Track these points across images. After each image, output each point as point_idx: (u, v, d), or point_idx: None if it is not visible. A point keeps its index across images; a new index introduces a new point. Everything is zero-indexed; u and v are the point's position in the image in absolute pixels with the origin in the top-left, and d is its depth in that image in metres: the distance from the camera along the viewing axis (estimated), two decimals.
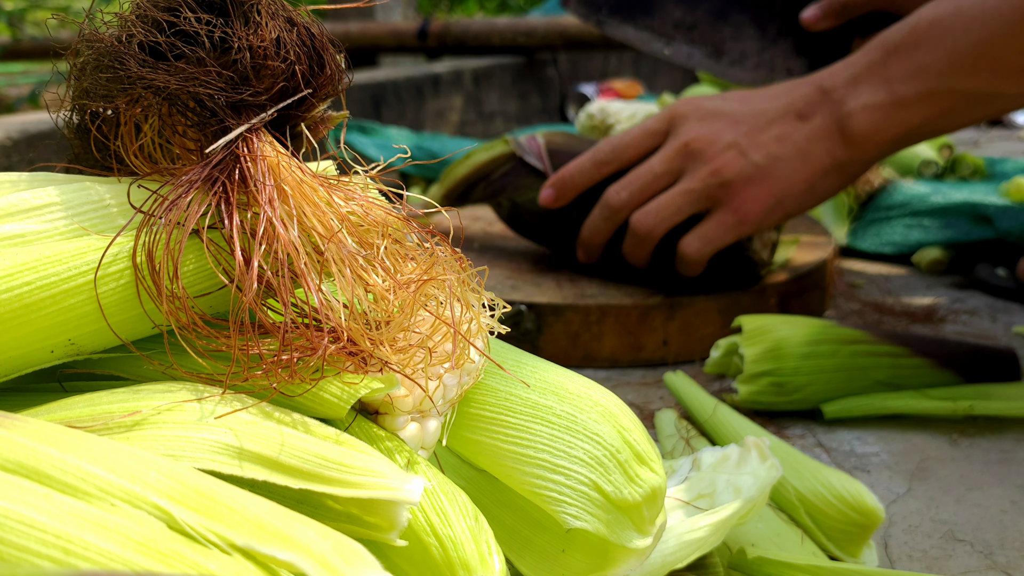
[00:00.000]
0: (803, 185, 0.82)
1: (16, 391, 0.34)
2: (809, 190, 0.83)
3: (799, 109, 0.82)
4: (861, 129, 0.79)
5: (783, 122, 0.82)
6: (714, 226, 0.83)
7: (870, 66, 0.79)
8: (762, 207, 0.82)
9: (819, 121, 0.81)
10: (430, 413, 0.35)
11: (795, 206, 0.83)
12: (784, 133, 0.82)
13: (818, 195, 0.83)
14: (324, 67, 0.36)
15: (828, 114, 0.81)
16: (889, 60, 0.78)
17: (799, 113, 0.82)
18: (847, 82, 0.80)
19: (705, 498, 0.46)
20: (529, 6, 4.45)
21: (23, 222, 0.34)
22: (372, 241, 0.34)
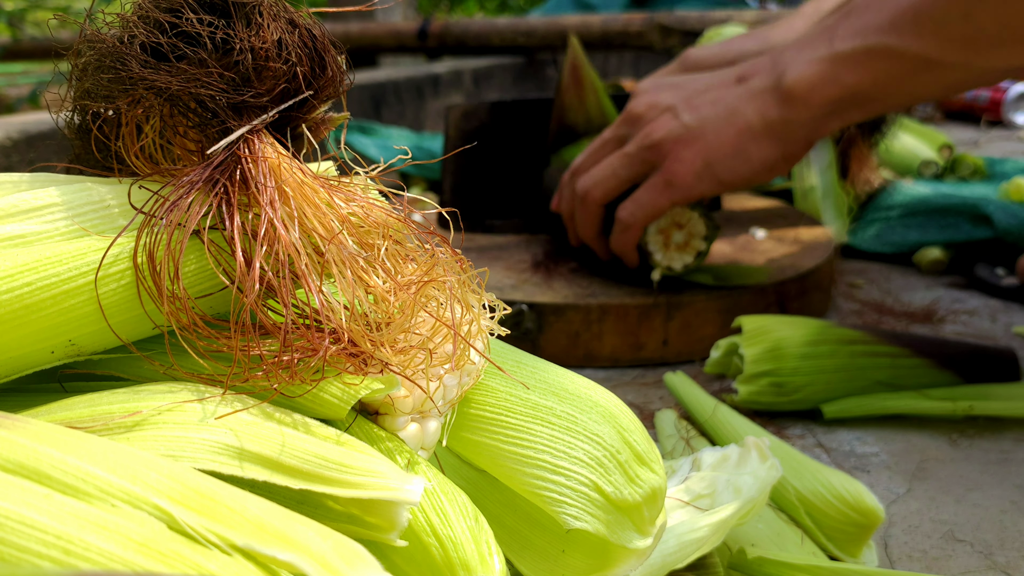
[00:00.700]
0: (731, 146, 0.80)
1: (16, 391, 0.34)
2: (737, 153, 0.80)
3: (742, 72, 0.82)
4: (795, 85, 0.77)
5: (722, 86, 0.82)
6: (647, 189, 0.83)
7: (823, 30, 0.77)
8: (691, 168, 0.81)
9: (757, 81, 0.80)
10: (430, 414, 0.35)
11: (726, 172, 0.81)
12: (719, 95, 0.82)
13: (751, 161, 0.80)
14: (325, 69, 0.36)
15: (767, 74, 0.79)
16: (839, 22, 0.76)
17: (740, 76, 0.82)
18: (796, 45, 0.79)
19: (705, 498, 0.46)
20: (529, 6, 4.45)
21: (24, 223, 0.34)
22: (373, 242, 0.34)
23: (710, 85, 0.83)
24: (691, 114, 0.82)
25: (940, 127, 2.02)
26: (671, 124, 0.82)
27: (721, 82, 0.83)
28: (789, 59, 0.78)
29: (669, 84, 0.87)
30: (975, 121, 2.12)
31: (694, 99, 0.83)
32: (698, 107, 0.82)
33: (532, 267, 0.92)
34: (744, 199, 1.21)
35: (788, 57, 0.78)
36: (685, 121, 0.82)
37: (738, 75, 0.82)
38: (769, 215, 1.12)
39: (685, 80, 0.86)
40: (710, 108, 0.81)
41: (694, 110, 0.82)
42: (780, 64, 0.78)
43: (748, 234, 1.03)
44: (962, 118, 2.17)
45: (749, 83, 0.80)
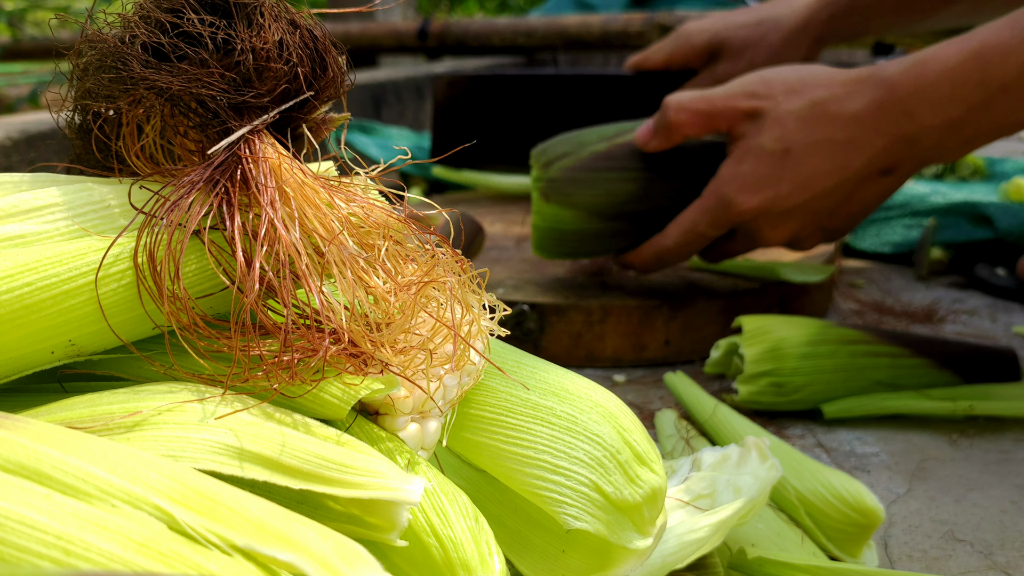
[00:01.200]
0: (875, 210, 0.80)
1: (17, 391, 0.34)
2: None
3: (882, 167, 0.74)
4: (945, 160, 0.76)
5: (865, 185, 0.75)
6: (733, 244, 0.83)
7: (970, 110, 0.69)
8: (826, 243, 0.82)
9: (906, 170, 0.75)
10: (430, 414, 0.35)
11: None
12: (867, 194, 0.76)
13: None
14: (326, 69, 0.36)
15: (913, 161, 0.74)
16: (993, 103, 0.69)
17: (883, 170, 0.74)
18: (941, 131, 0.70)
19: (705, 498, 0.46)
20: (529, 6, 4.45)
21: (24, 223, 0.34)
22: (373, 243, 0.34)
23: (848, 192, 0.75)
24: (839, 220, 0.78)
25: None
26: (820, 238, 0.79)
27: (857, 183, 0.75)
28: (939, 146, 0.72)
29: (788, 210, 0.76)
30: None
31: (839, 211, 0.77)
32: (847, 211, 0.77)
33: (534, 267, 0.92)
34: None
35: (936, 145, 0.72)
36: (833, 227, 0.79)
37: (880, 169, 0.74)
38: None
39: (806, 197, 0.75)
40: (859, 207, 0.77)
41: (841, 216, 0.77)
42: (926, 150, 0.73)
43: None
44: None
45: (899, 173, 0.75)
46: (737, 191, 0.76)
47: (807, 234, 0.79)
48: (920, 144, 0.72)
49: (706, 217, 0.78)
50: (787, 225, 0.77)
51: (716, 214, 0.77)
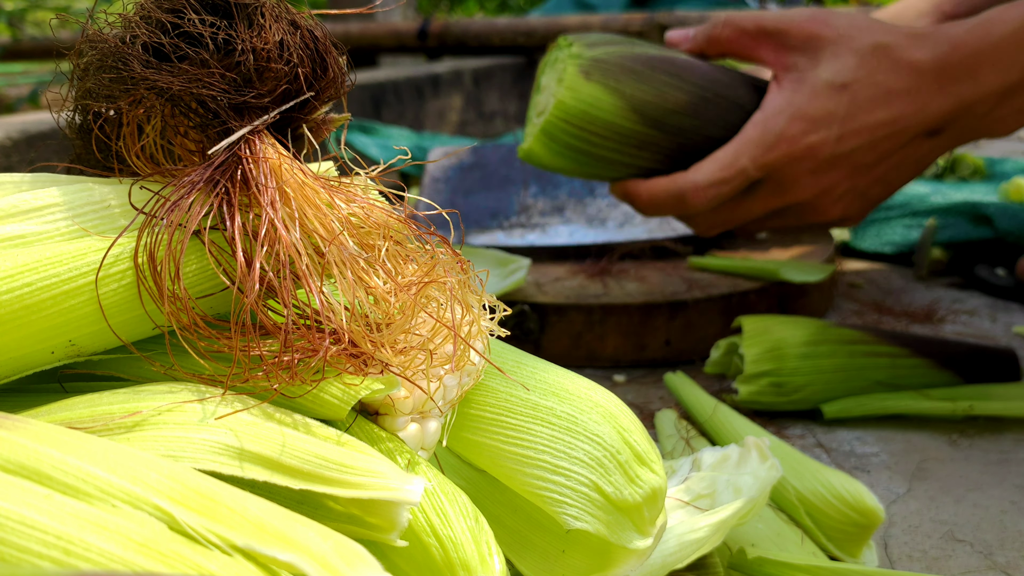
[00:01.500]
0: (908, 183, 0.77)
1: (17, 392, 0.34)
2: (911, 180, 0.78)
3: (931, 126, 0.71)
4: (1000, 134, 0.73)
5: (909, 145, 0.72)
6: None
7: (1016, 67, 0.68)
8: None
9: (952, 135, 0.73)
10: (430, 414, 0.35)
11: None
12: (907, 156, 0.73)
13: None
14: (327, 70, 0.36)
15: (967, 127, 0.72)
16: None
17: (931, 130, 0.72)
18: (1000, 94, 0.69)
19: (705, 498, 0.46)
20: (529, 6, 4.45)
21: (24, 223, 0.34)
22: (373, 243, 0.34)
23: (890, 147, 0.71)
24: (877, 188, 0.75)
25: None
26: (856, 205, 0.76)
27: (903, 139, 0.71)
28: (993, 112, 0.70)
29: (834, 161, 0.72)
30: None
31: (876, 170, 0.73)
32: (884, 178, 0.74)
33: (534, 267, 0.92)
34: None
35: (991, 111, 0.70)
36: (871, 196, 0.76)
37: (928, 131, 0.72)
38: None
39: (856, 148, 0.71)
40: (896, 174, 0.74)
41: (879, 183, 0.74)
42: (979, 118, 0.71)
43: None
44: None
45: (944, 137, 0.72)
46: (789, 123, 0.71)
47: (841, 192, 0.74)
48: (974, 110, 0.69)
49: (749, 150, 0.72)
50: (828, 175, 0.72)
51: (762, 148, 0.71)
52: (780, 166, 0.73)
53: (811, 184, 0.73)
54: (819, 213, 0.77)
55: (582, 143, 0.74)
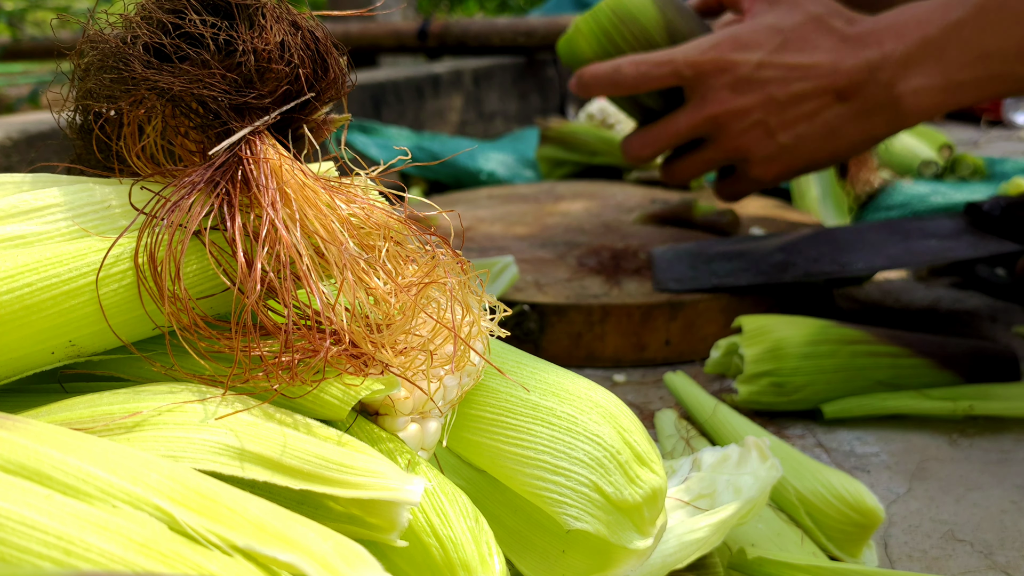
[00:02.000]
0: (825, 158, 0.84)
1: (17, 392, 0.34)
2: (832, 160, 0.85)
3: (841, 88, 0.80)
4: (910, 111, 0.79)
5: (818, 100, 0.81)
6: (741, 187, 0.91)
7: (925, 45, 0.76)
8: (780, 175, 0.86)
9: (859, 103, 0.81)
10: (430, 414, 0.35)
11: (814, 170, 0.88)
12: (816, 110, 0.82)
13: (841, 159, 0.86)
14: (328, 71, 0.36)
15: (872, 95, 0.80)
16: (948, 42, 0.75)
17: (840, 92, 0.81)
18: (899, 63, 0.78)
19: (705, 498, 0.46)
20: (529, 6, 4.44)
21: (24, 223, 0.34)
22: (373, 244, 0.34)
23: (804, 96, 0.81)
24: (786, 134, 0.83)
25: (940, 127, 2.02)
26: (765, 145, 0.84)
27: (815, 88, 0.81)
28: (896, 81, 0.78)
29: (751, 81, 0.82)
30: (975, 121, 2.12)
31: (787, 113, 0.82)
32: (793, 124, 0.82)
33: (535, 267, 0.92)
34: (743, 199, 1.21)
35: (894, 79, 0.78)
36: (781, 142, 0.83)
37: (838, 91, 0.80)
38: (768, 215, 1.12)
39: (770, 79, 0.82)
40: (805, 125, 0.82)
41: (789, 129, 0.82)
42: (884, 85, 0.79)
43: (749, 233, 1.03)
44: (962, 118, 2.17)
45: (850, 103, 0.80)
46: (723, 39, 0.83)
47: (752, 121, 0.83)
48: (877, 76, 0.79)
49: (685, 50, 0.84)
50: (743, 96, 0.82)
51: (695, 51, 0.84)
52: (703, 71, 0.83)
53: (726, 99, 0.83)
54: (732, 138, 0.85)
55: (617, 37, 0.87)
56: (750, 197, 1.22)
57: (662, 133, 0.88)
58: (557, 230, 1.06)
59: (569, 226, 1.07)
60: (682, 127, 0.86)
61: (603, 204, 1.18)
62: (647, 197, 1.22)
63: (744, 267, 0.88)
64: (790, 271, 0.87)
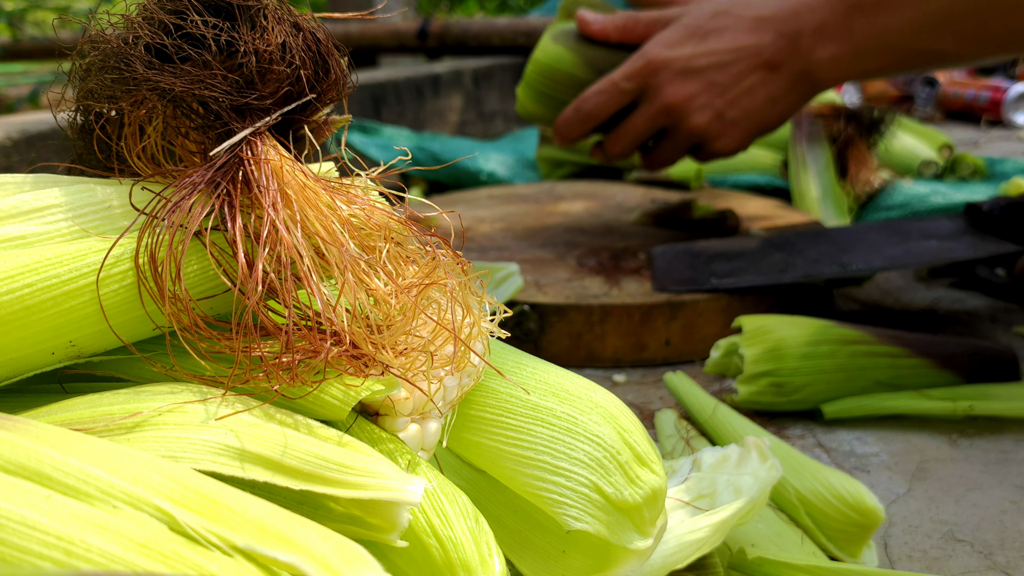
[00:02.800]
0: (774, 122, 0.94)
1: (17, 392, 0.34)
2: (780, 121, 0.94)
3: (768, 58, 0.89)
4: (825, 77, 0.89)
5: (754, 74, 0.90)
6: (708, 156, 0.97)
7: (834, 15, 0.85)
8: (736, 145, 0.95)
9: (787, 71, 0.89)
10: (430, 415, 0.35)
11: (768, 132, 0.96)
12: (755, 84, 0.90)
13: (787, 119, 0.95)
14: (329, 72, 0.36)
15: (796, 63, 0.89)
16: (852, 15, 0.84)
17: (769, 63, 0.89)
18: (813, 31, 0.86)
19: (705, 498, 0.46)
20: (529, 6, 4.44)
21: (24, 223, 0.34)
22: (374, 244, 0.34)
23: (741, 73, 0.90)
24: (733, 110, 0.91)
25: (940, 127, 2.02)
26: (717, 124, 0.92)
27: (748, 66, 0.90)
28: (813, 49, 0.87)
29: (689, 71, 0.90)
30: (975, 121, 2.12)
31: (731, 92, 0.90)
32: (737, 100, 0.91)
33: (535, 267, 0.92)
34: (743, 199, 1.21)
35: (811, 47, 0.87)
36: (730, 117, 0.92)
37: (767, 62, 0.89)
38: (768, 215, 1.12)
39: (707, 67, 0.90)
40: (749, 99, 0.91)
41: (734, 105, 0.91)
42: (804, 53, 0.88)
43: (749, 233, 1.03)
44: (962, 118, 2.17)
45: (780, 72, 0.90)
46: (651, 46, 0.92)
47: (702, 103, 0.91)
48: (798, 44, 0.87)
49: (621, 69, 0.92)
50: (687, 84, 0.91)
51: (629, 66, 0.92)
52: (644, 75, 0.91)
53: (674, 90, 0.91)
54: (688, 123, 0.92)
55: (550, 90, 0.97)
56: (750, 197, 1.22)
57: (626, 132, 0.95)
58: (557, 230, 1.06)
59: (569, 226, 1.07)
60: (639, 122, 0.93)
61: (603, 204, 1.18)
62: (647, 197, 1.22)
63: (744, 267, 0.88)
64: (790, 271, 0.87)
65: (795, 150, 1.27)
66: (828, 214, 1.19)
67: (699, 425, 0.65)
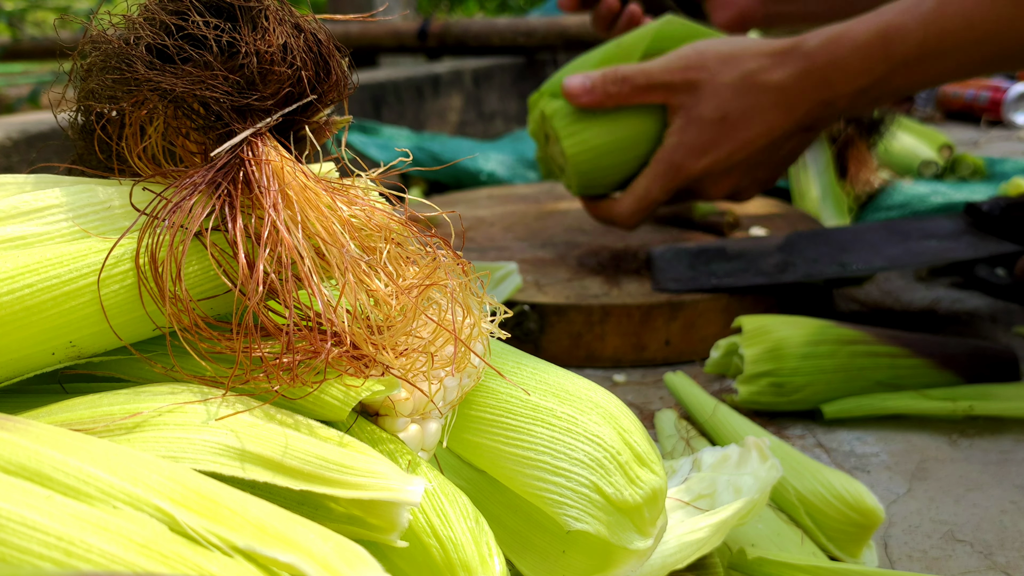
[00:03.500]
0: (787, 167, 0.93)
1: (18, 393, 0.34)
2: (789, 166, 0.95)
3: (805, 125, 0.87)
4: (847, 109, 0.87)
5: (789, 140, 0.88)
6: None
7: (873, 81, 0.82)
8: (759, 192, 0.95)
9: (820, 126, 0.89)
10: (431, 415, 0.35)
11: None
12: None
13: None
14: (330, 73, 0.36)
15: (830, 119, 0.88)
16: (894, 75, 0.81)
17: (805, 128, 0.87)
18: (852, 96, 0.83)
19: (705, 498, 0.46)
20: (529, 6, 4.44)
21: (25, 224, 0.34)
22: (374, 245, 0.34)
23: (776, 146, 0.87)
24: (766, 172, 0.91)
25: (940, 127, 2.02)
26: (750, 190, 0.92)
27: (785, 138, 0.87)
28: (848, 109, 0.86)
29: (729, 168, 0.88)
30: (975, 121, 2.12)
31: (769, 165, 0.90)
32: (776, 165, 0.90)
33: (535, 267, 0.92)
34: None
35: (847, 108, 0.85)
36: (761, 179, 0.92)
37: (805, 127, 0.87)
38: (768, 215, 1.12)
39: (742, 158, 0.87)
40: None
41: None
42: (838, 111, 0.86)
43: (748, 234, 1.03)
44: (962, 118, 2.17)
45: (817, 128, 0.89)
46: (684, 157, 0.87)
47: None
48: (835, 106, 0.84)
49: (658, 183, 0.89)
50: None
51: (667, 179, 0.88)
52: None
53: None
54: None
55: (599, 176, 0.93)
56: None
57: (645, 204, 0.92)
58: (557, 230, 1.06)
59: (569, 226, 1.07)
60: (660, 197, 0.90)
61: None
62: None
63: (744, 267, 0.88)
64: (790, 271, 0.87)
65: None
66: (828, 214, 1.19)
67: (699, 425, 0.65)
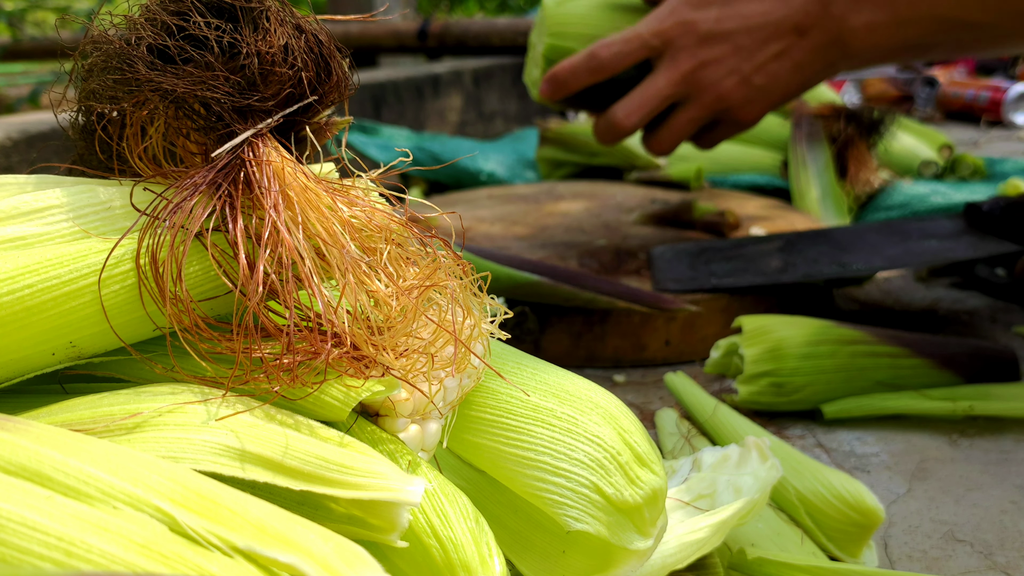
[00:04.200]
0: (796, 90, 0.89)
1: (18, 393, 0.34)
2: (803, 90, 0.90)
3: (797, 22, 0.85)
4: (860, 45, 0.83)
5: (781, 38, 0.86)
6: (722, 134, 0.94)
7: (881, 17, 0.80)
8: (762, 113, 0.91)
9: (817, 35, 0.85)
10: (431, 416, 0.35)
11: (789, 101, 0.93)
12: (782, 49, 0.86)
13: (810, 88, 0.91)
14: (331, 74, 0.36)
15: (827, 28, 0.84)
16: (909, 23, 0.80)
17: (797, 26, 0.85)
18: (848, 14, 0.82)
19: (705, 498, 0.46)
20: (529, 6, 4.44)
21: (25, 224, 0.34)
22: (375, 246, 0.34)
23: (768, 37, 0.86)
24: (759, 76, 0.87)
25: (940, 127, 2.02)
26: (743, 90, 0.88)
27: (779, 34, 0.85)
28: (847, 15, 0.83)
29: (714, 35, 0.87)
30: (975, 121, 2.12)
31: (756, 57, 0.86)
32: (764, 66, 0.87)
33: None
34: (743, 199, 1.21)
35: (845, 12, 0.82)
36: (756, 84, 0.88)
37: (795, 25, 0.85)
38: (768, 215, 1.12)
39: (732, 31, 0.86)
40: (775, 64, 0.87)
41: (760, 71, 0.87)
42: (837, 19, 0.83)
43: (748, 233, 1.03)
44: (962, 118, 2.17)
45: (809, 36, 0.85)
46: (678, 4, 0.88)
47: (727, 69, 0.87)
48: (831, 9, 0.83)
49: (646, 24, 0.89)
50: (711, 48, 0.87)
51: (655, 21, 0.88)
52: (669, 36, 0.88)
53: (697, 54, 0.87)
54: (711, 90, 0.88)
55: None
56: (750, 197, 1.22)
57: (644, 96, 0.90)
58: (557, 230, 1.06)
59: (569, 226, 1.07)
60: (662, 86, 0.88)
61: (603, 204, 1.18)
62: (647, 197, 1.22)
63: (744, 267, 0.88)
64: (790, 271, 0.87)
65: (795, 150, 1.27)
66: (828, 214, 1.19)
67: (699, 425, 0.65)
